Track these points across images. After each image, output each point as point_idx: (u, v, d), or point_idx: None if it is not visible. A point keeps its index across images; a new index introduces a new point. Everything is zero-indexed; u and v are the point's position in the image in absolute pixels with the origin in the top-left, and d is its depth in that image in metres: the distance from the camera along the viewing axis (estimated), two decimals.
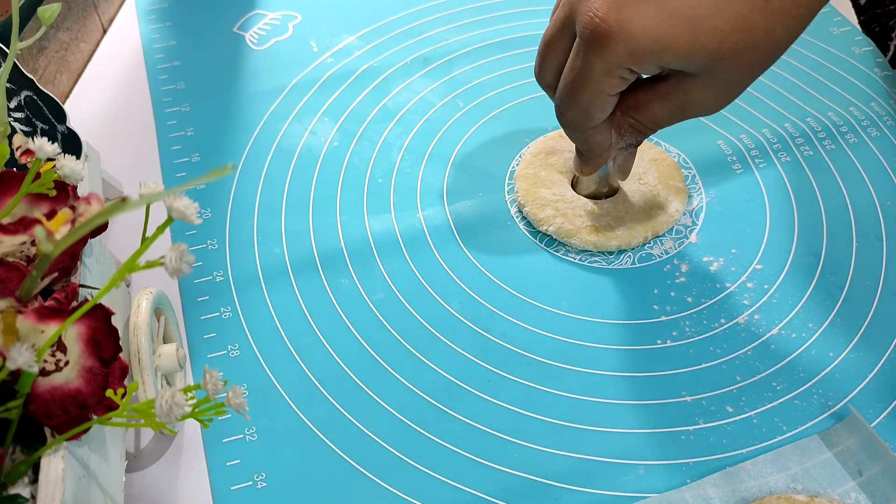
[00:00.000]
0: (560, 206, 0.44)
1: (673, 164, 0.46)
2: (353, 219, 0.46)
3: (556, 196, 0.44)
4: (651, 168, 0.45)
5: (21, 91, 0.39)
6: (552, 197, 0.45)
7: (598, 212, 0.44)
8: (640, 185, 0.45)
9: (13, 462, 0.26)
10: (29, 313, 0.25)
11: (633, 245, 0.43)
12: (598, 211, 0.44)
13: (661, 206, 0.44)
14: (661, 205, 0.44)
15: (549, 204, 0.44)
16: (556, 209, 0.44)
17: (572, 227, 0.43)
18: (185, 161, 0.50)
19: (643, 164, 0.46)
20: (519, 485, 0.35)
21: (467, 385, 0.39)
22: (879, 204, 0.46)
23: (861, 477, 0.34)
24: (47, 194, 0.30)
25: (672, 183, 0.45)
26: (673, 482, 0.35)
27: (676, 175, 0.46)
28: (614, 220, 0.43)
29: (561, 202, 0.44)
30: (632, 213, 0.44)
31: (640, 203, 0.44)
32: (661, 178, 0.45)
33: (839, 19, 0.58)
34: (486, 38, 0.57)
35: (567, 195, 0.45)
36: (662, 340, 0.40)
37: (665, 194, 0.44)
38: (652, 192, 0.44)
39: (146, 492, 0.36)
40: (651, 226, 0.43)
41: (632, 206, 0.44)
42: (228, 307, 0.42)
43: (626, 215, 0.43)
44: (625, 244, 0.43)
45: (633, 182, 0.45)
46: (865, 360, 0.39)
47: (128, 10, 0.61)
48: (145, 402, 0.25)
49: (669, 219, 0.44)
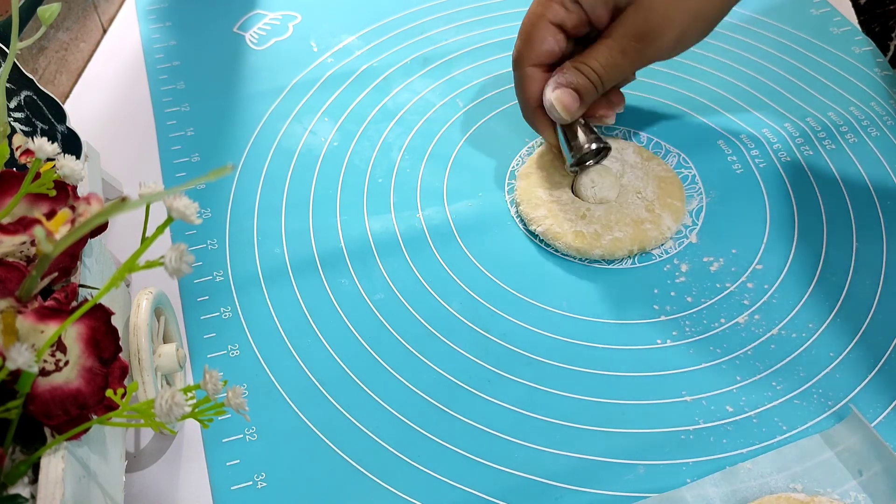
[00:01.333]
0: (554, 207, 0.44)
1: (676, 183, 0.45)
2: (353, 219, 0.46)
3: (552, 197, 0.44)
4: (652, 183, 0.45)
5: (21, 91, 0.39)
6: (548, 197, 0.44)
7: (590, 218, 0.43)
8: (638, 198, 0.44)
9: (13, 462, 0.26)
10: (29, 313, 0.25)
11: (616, 256, 0.43)
12: (590, 217, 0.43)
13: (653, 221, 0.43)
14: (653, 220, 0.43)
15: (543, 204, 0.44)
16: (548, 210, 0.44)
17: (560, 230, 0.43)
18: (185, 161, 0.50)
19: (646, 179, 0.45)
20: (519, 485, 0.35)
21: (467, 385, 0.39)
22: (879, 204, 0.46)
23: (861, 477, 0.34)
24: (47, 194, 0.30)
25: (670, 200, 0.44)
26: (673, 482, 0.35)
27: (677, 193, 0.45)
28: (603, 229, 0.43)
29: (556, 203, 0.44)
30: (622, 224, 0.43)
31: (633, 216, 0.43)
32: (661, 194, 0.44)
33: (839, 19, 0.58)
34: (486, 38, 0.57)
35: (563, 197, 0.44)
36: (662, 340, 0.40)
37: (660, 211, 0.44)
38: (647, 207, 0.44)
39: (146, 492, 0.36)
40: (638, 240, 0.43)
41: (623, 218, 0.43)
42: (228, 307, 0.42)
43: (615, 225, 0.43)
44: (608, 255, 0.43)
45: (631, 194, 0.44)
46: (865, 360, 0.39)
47: (128, 10, 0.61)
48: (145, 402, 0.25)
49: (659, 236, 0.43)
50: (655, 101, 0.52)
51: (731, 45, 0.56)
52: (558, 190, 0.45)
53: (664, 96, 0.53)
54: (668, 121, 0.51)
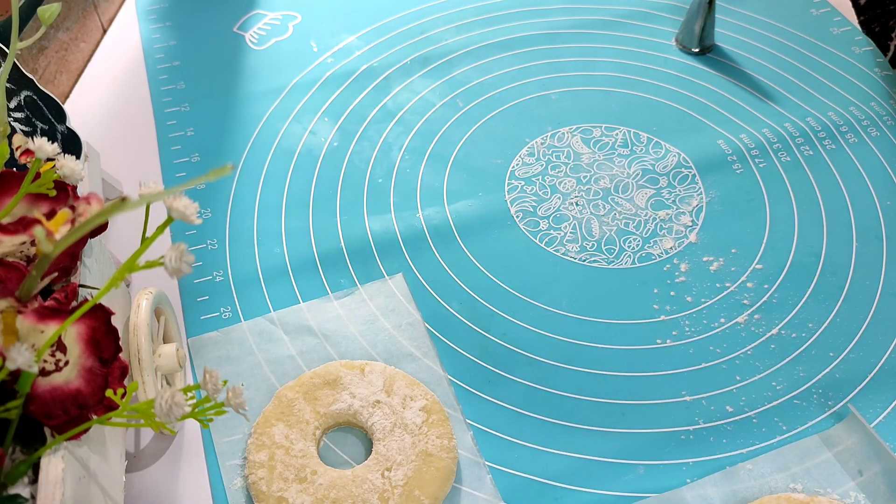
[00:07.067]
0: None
1: (444, 469, 0.35)
2: (353, 219, 0.46)
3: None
4: (412, 462, 0.35)
5: (21, 91, 0.39)
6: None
7: (311, 482, 0.34)
8: (380, 478, 0.34)
9: (13, 462, 0.26)
10: (29, 313, 0.25)
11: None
12: (311, 481, 0.34)
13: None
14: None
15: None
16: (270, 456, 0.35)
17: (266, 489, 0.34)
18: (185, 161, 0.50)
19: (410, 452, 0.35)
20: (519, 485, 0.35)
21: (467, 385, 0.39)
22: (879, 204, 0.46)
23: (861, 477, 0.34)
24: (47, 194, 0.30)
25: (418, 494, 0.34)
26: (673, 482, 0.35)
27: (436, 485, 0.34)
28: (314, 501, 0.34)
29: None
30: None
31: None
32: (413, 480, 0.34)
33: (839, 19, 0.58)
34: (486, 38, 0.57)
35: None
36: (662, 340, 0.40)
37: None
38: (381, 496, 0.34)
39: (146, 492, 0.36)
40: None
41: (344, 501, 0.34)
42: (228, 307, 0.42)
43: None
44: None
45: (374, 468, 0.35)
46: (865, 360, 0.39)
47: (128, 10, 0.61)
48: (145, 402, 0.25)
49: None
50: (655, 101, 0.52)
51: (731, 45, 0.56)
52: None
53: (664, 96, 0.53)
54: (669, 121, 0.51)
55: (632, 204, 0.46)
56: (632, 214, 0.46)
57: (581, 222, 0.46)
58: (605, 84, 0.54)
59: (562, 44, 0.57)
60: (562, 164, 0.49)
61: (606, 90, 0.53)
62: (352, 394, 0.37)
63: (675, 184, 0.47)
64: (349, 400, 0.37)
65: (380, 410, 0.36)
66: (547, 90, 0.53)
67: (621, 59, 0.55)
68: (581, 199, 0.47)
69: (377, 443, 0.35)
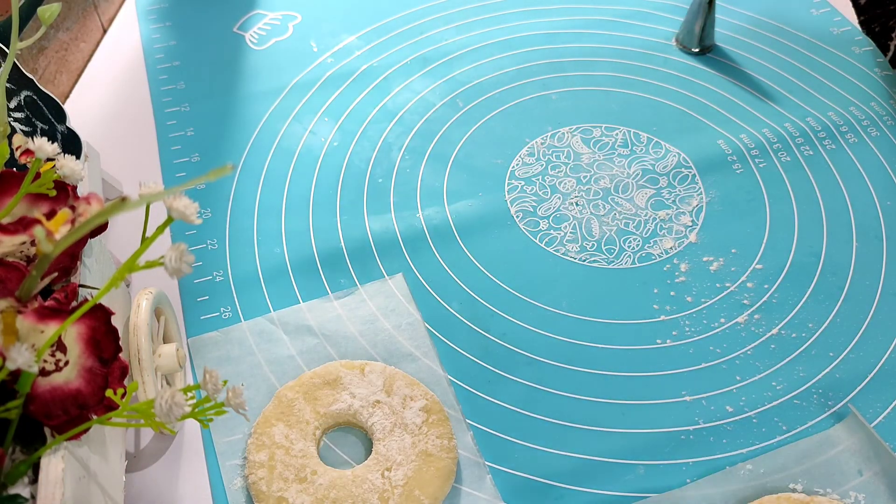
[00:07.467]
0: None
1: (445, 469, 0.35)
2: (353, 219, 0.46)
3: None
4: (413, 462, 0.35)
5: (21, 91, 0.39)
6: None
7: (311, 481, 0.34)
8: (381, 479, 0.34)
9: (13, 462, 0.26)
10: (29, 313, 0.25)
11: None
12: (311, 481, 0.34)
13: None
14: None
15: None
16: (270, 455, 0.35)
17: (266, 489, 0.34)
18: (185, 161, 0.50)
19: (410, 452, 0.35)
20: (519, 485, 0.35)
21: (467, 385, 0.39)
22: (879, 204, 0.46)
23: (861, 477, 0.34)
24: (47, 194, 0.30)
25: (418, 494, 0.34)
26: (673, 482, 0.35)
27: (436, 485, 0.34)
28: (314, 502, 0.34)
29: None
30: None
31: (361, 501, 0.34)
32: (413, 481, 0.34)
33: (839, 19, 0.58)
34: (486, 38, 0.57)
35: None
36: (662, 340, 0.40)
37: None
38: (381, 496, 0.34)
39: (146, 492, 0.36)
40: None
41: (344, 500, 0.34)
42: (228, 307, 0.42)
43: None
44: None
45: (375, 468, 0.35)
46: (865, 360, 0.39)
47: (128, 10, 0.61)
48: (145, 402, 0.25)
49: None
50: (655, 101, 0.52)
51: (731, 45, 0.56)
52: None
53: (664, 96, 0.53)
54: (668, 121, 0.51)
55: (632, 204, 0.46)
56: (632, 214, 0.46)
57: (581, 222, 0.46)
58: (605, 84, 0.54)
59: (562, 44, 0.57)
60: (562, 164, 0.49)
61: (606, 90, 0.53)
62: (352, 394, 0.37)
63: (675, 184, 0.47)
64: (349, 400, 0.37)
65: (380, 410, 0.36)
66: (547, 90, 0.53)
67: (621, 59, 0.55)
68: (581, 199, 0.47)
69: (377, 443, 0.35)
